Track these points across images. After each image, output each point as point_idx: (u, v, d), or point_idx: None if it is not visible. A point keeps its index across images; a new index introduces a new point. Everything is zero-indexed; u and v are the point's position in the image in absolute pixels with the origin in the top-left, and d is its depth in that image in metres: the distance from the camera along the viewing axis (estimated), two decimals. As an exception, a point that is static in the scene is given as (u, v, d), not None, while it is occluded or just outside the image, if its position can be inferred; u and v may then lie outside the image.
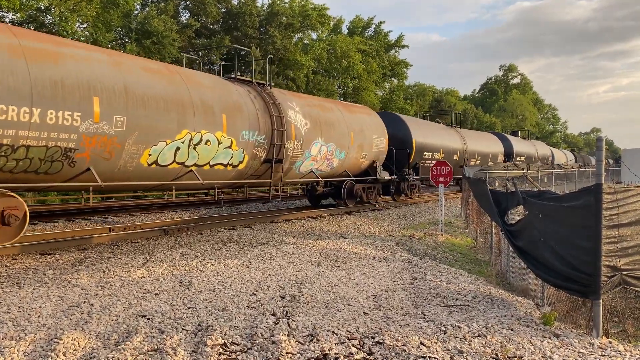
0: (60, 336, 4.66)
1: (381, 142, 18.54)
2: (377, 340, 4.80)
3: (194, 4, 30.57)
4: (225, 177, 12.58)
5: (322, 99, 18.70)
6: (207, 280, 7.02)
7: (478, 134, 31.91)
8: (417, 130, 21.68)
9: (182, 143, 10.80)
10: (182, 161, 11.02)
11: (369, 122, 18.28)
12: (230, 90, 12.65)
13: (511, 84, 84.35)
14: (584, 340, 4.95)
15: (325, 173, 16.13)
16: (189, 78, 11.57)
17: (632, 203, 5.02)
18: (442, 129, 25.44)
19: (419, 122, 24.27)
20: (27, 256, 8.81)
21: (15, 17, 20.05)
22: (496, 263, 9.35)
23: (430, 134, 22.97)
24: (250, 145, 12.67)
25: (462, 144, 26.22)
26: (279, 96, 14.14)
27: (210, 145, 11.52)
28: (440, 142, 23.63)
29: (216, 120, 11.64)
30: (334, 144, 15.85)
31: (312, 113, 15.23)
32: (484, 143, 30.32)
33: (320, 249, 9.86)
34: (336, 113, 16.59)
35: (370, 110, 20.11)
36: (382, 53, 44.88)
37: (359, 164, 17.62)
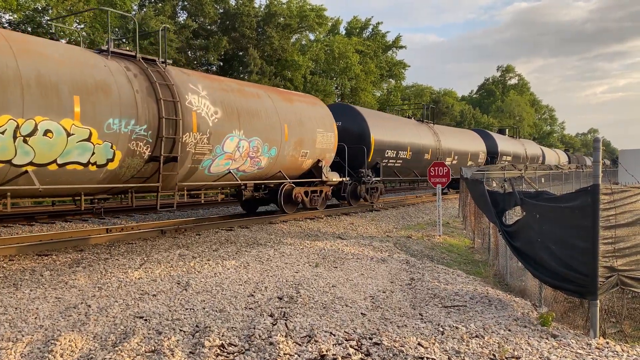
0: (58, 337, 4.65)
1: (328, 137, 15.78)
2: (374, 341, 4.80)
3: (192, 4, 30.54)
4: (90, 181, 9.53)
5: (244, 82, 15.03)
6: (204, 281, 7.01)
7: (455, 131, 29.20)
8: (377, 125, 19.00)
9: (2, 133, 7.88)
10: (7, 159, 8.06)
11: (312, 114, 15.42)
12: (93, 65, 9.48)
13: (509, 84, 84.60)
14: (581, 341, 4.96)
15: (250, 174, 13.38)
16: (19, 43, 8.46)
17: (630, 204, 5.02)
18: (410, 124, 22.92)
19: (381, 115, 21.66)
20: (24, 257, 8.78)
21: (13, 18, 20.01)
22: (494, 264, 9.36)
23: (394, 130, 20.30)
24: (124, 139, 9.66)
25: (434, 141, 23.82)
26: (177, 76, 11.21)
27: (53, 137, 8.52)
28: (408, 139, 21.10)
29: (62, 103, 8.63)
30: (258, 138, 12.93)
31: (227, 99, 12.21)
32: (462, 141, 27.68)
33: (318, 249, 9.86)
34: (264, 101, 13.62)
35: (315, 99, 16.96)
36: (380, 54, 44.96)
37: (299, 164, 14.98)
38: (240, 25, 30.90)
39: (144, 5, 29.70)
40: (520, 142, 39.68)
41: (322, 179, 15.75)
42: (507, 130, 40.14)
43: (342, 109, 18.98)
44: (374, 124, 18.61)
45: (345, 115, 18.36)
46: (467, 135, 29.60)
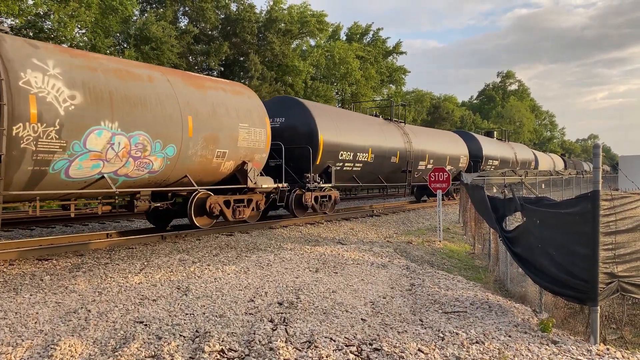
0: (57, 342, 4.65)
1: (257, 135, 12.97)
2: (375, 346, 4.79)
3: (193, 10, 30.65)
4: None
5: (133, 62, 11.09)
6: (204, 286, 7.00)
7: (431, 132, 26.39)
8: (328, 122, 16.29)
9: None
10: None
11: (233, 105, 12.45)
12: None
13: (509, 90, 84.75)
14: (581, 347, 4.95)
15: (139, 180, 10.46)
16: None
17: (630, 210, 5.03)
18: (374, 123, 20.17)
19: (335, 112, 18.40)
20: (24, 262, 8.78)
21: (14, 23, 20.08)
22: (494, 269, 9.35)
23: (351, 129, 17.55)
24: None
25: (404, 142, 21.24)
26: (14, 48, 8.38)
27: None
28: (369, 140, 18.49)
29: None
30: (144, 133, 10.04)
31: (94, 81, 9.35)
32: (439, 143, 24.93)
33: (318, 255, 9.86)
34: (157, 85, 10.53)
35: (242, 87, 13.71)
36: (380, 59, 45.10)
37: (214, 167, 12.08)
38: (241, 31, 31.00)
39: (145, 10, 29.81)
40: (509, 146, 36.88)
41: (248, 185, 12.89)
42: (495, 133, 37.16)
43: (286, 102, 16.36)
44: (324, 122, 16.01)
45: (289, 110, 15.96)
46: (445, 137, 26.90)
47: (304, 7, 34.88)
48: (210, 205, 12.14)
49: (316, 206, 16.14)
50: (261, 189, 13.52)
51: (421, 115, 53.28)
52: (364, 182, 19.60)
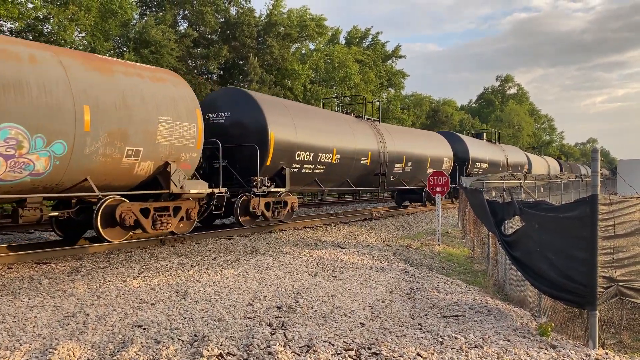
0: (56, 346, 4.64)
1: (185, 130, 10.85)
2: (373, 351, 4.79)
3: (193, 13, 30.71)
4: None
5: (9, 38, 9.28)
6: (203, 290, 7.00)
7: (409, 132, 24.39)
8: (281, 117, 14.34)
9: None
10: None
11: (153, 93, 10.38)
12: None
13: (508, 94, 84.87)
14: (580, 352, 4.95)
15: (18, 184, 8.53)
16: None
17: (628, 214, 5.04)
18: (342, 121, 18.07)
19: (292, 107, 15.95)
20: (22, 265, 8.77)
21: (14, 26, 20.11)
22: (493, 273, 9.35)
23: (311, 126, 15.62)
24: None
25: (378, 142, 19.24)
26: None
27: None
28: (334, 139, 16.54)
29: None
30: (18, 126, 8.16)
31: None
32: (419, 143, 23.07)
33: (317, 258, 9.85)
34: (43, 67, 8.68)
35: (167, 74, 11.50)
36: (379, 63, 45.17)
37: (126, 169, 10.04)
38: (240, 35, 31.05)
39: (145, 14, 29.87)
40: (499, 148, 34.92)
41: (172, 190, 10.68)
42: (484, 134, 35.26)
43: (232, 95, 14.37)
44: (276, 117, 14.16)
45: (236, 103, 14.02)
46: (426, 137, 24.74)
47: (303, 11, 34.94)
48: (123, 215, 10.05)
49: (267, 214, 14.08)
50: (190, 195, 11.31)
51: (420, 119, 53.34)
52: (329, 185, 17.40)
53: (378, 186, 20.02)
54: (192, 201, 11.61)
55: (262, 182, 13.55)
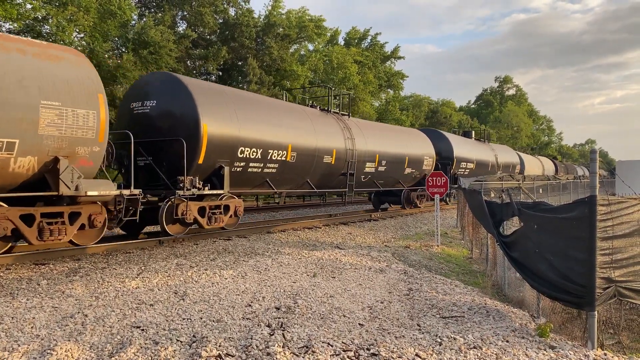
0: (54, 347, 4.63)
1: (81, 119, 8.96)
2: (372, 352, 4.78)
3: (191, 14, 30.72)
4: None
5: None
6: (202, 291, 6.99)
7: (384, 128, 22.23)
8: (219, 108, 12.17)
9: None
10: None
11: (36, 72, 8.44)
12: None
13: (506, 95, 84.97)
14: (579, 352, 4.95)
15: None
16: None
17: (627, 215, 5.04)
18: (299, 113, 15.75)
19: (235, 96, 13.49)
20: (21, 266, 8.75)
21: (13, 27, 20.10)
22: (492, 274, 9.36)
23: (258, 119, 13.39)
24: None
25: (345, 139, 17.11)
26: None
27: None
28: (290, 134, 14.40)
29: None
30: None
31: None
32: (395, 141, 20.83)
33: (316, 259, 9.85)
34: None
35: (64, 50, 9.45)
36: (378, 64, 45.21)
37: None
38: (239, 36, 31.06)
39: (144, 15, 29.87)
40: (489, 147, 33.07)
41: (62, 191, 8.74)
42: (472, 133, 33.33)
43: (161, 80, 12.16)
44: (212, 107, 11.93)
45: (165, 90, 11.84)
46: (404, 134, 22.61)
47: (302, 12, 34.97)
48: None
49: (202, 220, 11.87)
50: (89, 197, 9.20)
51: (419, 120, 53.38)
52: (286, 187, 15.27)
53: (345, 187, 17.76)
54: (98, 205, 9.64)
55: (192, 183, 11.45)
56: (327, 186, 17.34)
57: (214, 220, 12.22)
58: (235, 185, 12.99)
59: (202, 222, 11.95)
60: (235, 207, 12.89)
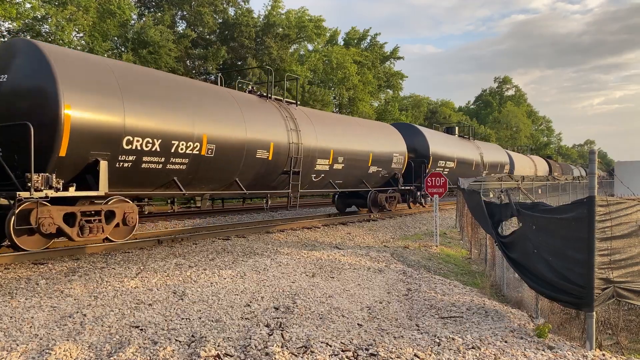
0: (53, 347, 4.63)
1: None
2: (371, 352, 4.79)
3: (191, 14, 30.73)
4: None
5: None
6: (201, 290, 6.99)
7: (342, 120, 19.50)
8: (93, 83, 9.48)
9: None
10: None
11: None
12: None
13: (506, 95, 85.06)
14: (577, 353, 4.96)
15: None
16: None
17: (625, 215, 5.05)
18: (224, 98, 12.89)
19: (120, 68, 10.49)
20: (19, 265, 8.75)
21: (12, 26, 20.09)
22: (490, 274, 9.37)
23: (158, 102, 10.60)
24: None
25: (287, 130, 14.42)
26: None
27: None
28: (205, 122, 11.53)
29: None
30: None
31: None
32: (356, 135, 18.11)
33: (315, 259, 9.85)
34: None
35: None
36: (378, 64, 45.24)
37: None
38: (239, 35, 31.08)
39: (143, 14, 29.87)
40: (474, 145, 30.37)
41: None
42: (456, 129, 30.56)
43: (14, 49, 9.50)
44: (81, 82, 9.28)
45: (17, 61, 9.26)
46: (367, 127, 19.81)
47: (301, 12, 34.99)
48: None
49: (70, 231, 9.29)
50: None
51: (418, 120, 53.41)
52: (203, 187, 12.44)
53: (287, 188, 14.96)
54: None
55: (48, 182, 8.76)
56: (266, 186, 14.56)
57: (89, 230, 9.59)
58: (125, 184, 10.31)
59: (71, 233, 9.32)
60: (125, 214, 10.23)
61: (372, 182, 19.37)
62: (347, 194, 19.83)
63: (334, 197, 20.66)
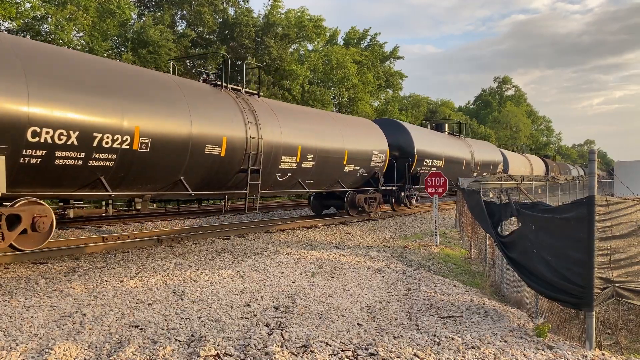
0: (52, 346, 4.63)
1: None
2: (370, 351, 4.79)
3: (191, 14, 30.73)
4: None
5: None
6: (200, 290, 6.99)
7: (311, 114, 17.05)
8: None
9: None
10: None
11: None
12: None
13: (505, 95, 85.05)
14: (577, 353, 4.96)
15: None
16: None
17: (625, 215, 5.05)
18: (164, 85, 11.33)
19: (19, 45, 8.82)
20: (19, 265, 8.75)
21: (12, 26, 20.08)
22: (490, 274, 9.37)
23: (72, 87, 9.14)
24: None
25: (245, 124, 12.74)
26: None
27: None
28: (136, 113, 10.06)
29: None
30: None
31: None
32: (328, 131, 16.35)
33: (315, 259, 9.85)
34: None
35: None
36: (378, 64, 45.23)
37: None
38: (238, 35, 31.07)
39: (143, 14, 29.86)
40: (464, 143, 28.86)
41: None
42: (446, 126, 28.64)
43: None
44: None
45: None
46: (341, 124, 17.68)
47: (301, 11, 34.97)
48: None
49: None
50: None
51: (418, 120, 53.43)
52: (140, 188, 10.85)
53: (246, 189, 13.19)
54: None
55: None
56: (220, 187, 12.88)
57: None
58: (36, 184, 8.96)
59: None
60: (35, 219, 8.67)
61: (349, 182, 17.81)
62: (324, 195, 18.44)
63: (310, 199, 19.14)
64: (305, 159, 15.09)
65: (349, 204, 17.81)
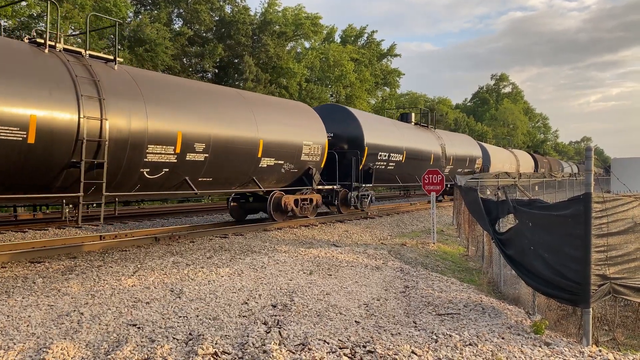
0: (50, 345, 4.62)
1: None
2: (368, 349, 4.79)
3: (187, 12, 30.65)
4: None
5: None
6: (198, 288, 6.99)
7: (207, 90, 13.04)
8: None
9: None
10: None
11: None
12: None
13: (502, 93, 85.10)
14: (574, 349, 4.98)
15: None
16: None
17: (622, 212, 5.06)
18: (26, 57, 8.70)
19: None
20: (16, 264, 8.73)
21: (7, 24, 20.00)
22: (487, 271, 9.39)
23: None
24: None
25: (78, 97, 9.04)
26: None
27: None
28: None
29: None
30: None
31: None
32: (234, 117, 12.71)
33: (313, 257, 9.86)
34: None
35: None
36: (375, 62, 45.22)
37: None
38: (235, 33, 31.01)
39: (139, 12, 29.78)
40: (434, 135, 25.32)
41: None
42: (412, 116, 24.98)
43: None
44: None
45: None
46: (257, 104, 14.05)
47: (298, 9, 34.94)
48: None
49: None
50: None
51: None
52: None
53: (79, 191, 9.25)
54: None
55: None
56: (32, 187, 9.02)
57: None
58: None
59: None
60: None
61: (270, 181, 14.39)
62: (247, 197, 15.47)
63: (228, 201, 15.60)
64: (191, 149, 11.33)
65: (272, 208, 14.40)
